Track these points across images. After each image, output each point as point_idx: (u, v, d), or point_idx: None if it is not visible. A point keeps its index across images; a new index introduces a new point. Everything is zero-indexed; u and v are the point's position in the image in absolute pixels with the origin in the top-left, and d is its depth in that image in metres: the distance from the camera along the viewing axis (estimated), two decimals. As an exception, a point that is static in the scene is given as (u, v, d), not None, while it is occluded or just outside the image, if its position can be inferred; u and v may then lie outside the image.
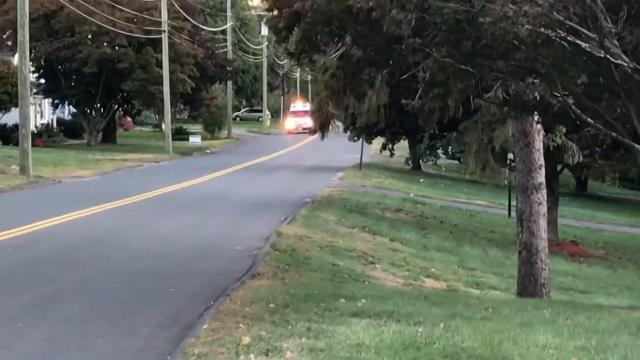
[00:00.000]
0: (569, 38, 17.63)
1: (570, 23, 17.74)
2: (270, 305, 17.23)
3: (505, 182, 51.17)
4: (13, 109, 74.32)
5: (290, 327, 15.03)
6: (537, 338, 14.60)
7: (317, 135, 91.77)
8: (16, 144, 61.34)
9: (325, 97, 35.95)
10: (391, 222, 42.68)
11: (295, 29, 23.04)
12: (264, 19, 41.15)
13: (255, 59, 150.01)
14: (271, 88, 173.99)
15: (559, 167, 47.60)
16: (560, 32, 17.72)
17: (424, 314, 16.56)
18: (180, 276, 22.94)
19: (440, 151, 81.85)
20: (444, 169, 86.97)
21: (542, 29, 17.46)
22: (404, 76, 23.32)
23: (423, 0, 18.04)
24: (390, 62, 21.46)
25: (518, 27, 16.95)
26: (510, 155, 40.78)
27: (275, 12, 26.46)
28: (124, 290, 20.30)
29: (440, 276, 29.80)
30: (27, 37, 57.80)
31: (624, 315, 18.26)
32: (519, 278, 27.08)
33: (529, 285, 26.45)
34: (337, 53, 24.21)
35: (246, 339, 13.94)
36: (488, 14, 17.05)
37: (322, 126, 59.82)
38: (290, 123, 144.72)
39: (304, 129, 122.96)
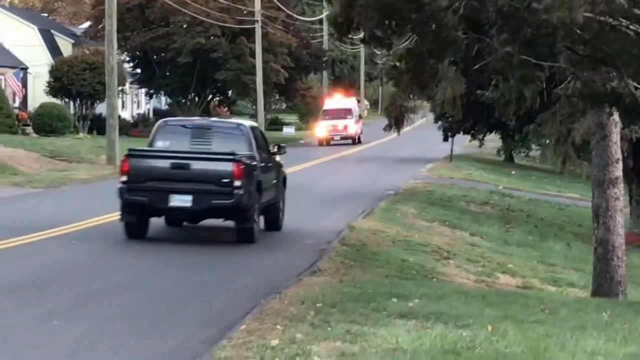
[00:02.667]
0: (632, 27, 17.06)
1: (636, 10, 17.17)
2: (318, 304, 16.69)
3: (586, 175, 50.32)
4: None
5: (329, 329, 14.53)
6: (587, 343, 13.95)
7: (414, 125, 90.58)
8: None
9: (396, 91, 35.73)
10: (474, 215, 41.92)
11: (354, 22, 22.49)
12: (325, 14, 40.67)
13: (352, 48, 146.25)
14: (370, 78, 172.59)
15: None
16: (623, 20, 17.12)
17: (475, 316, 15.97)
18: (240, 269, 22.69)
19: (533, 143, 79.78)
20: (537, 160, 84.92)
21: (602, 17, 16.90)
22: (476, 67, 22.98)
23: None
24: (449, 52, 21.09)
25: (575, 14, 16.28)
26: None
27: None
28: (179, 285, 19.95)
29: (517, 272, 29.20)
30: (115, 27, 58.11)
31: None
32: (594, 275, 26.41)
33: (604, 283, 25.78)
34: (403, 45, 23.59)
35: (275, 341, 13.44)
36: (542, 1, 16.46)
37: (397, 121, 57.53)
38: (321, 129, 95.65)
39: (342, 137, 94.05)
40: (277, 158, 32.96)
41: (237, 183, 27.25)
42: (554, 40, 18.44)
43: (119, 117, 77.20)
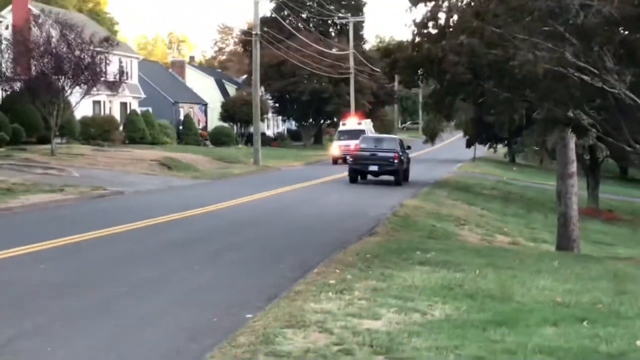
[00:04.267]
0: (575, 74, 16.57)
1: (580, 63, 16.65)
2: (367, 255, 16.38)
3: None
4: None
5: (370, 272, 14.28)
6: (539, 282, 13.65)
7: (450, 140, 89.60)
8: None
9: (429, 117, 38.52)
10: (485, 197, 41.61)
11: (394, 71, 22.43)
12: (380, 66, 42.08)
13: (414, 89, 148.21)
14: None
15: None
16: (571, 69, 16.63)
17: (469, 264, 15.64)
18: (325, 231, 22.28)
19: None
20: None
21: (556, 68, 16.43)
22: (480, 100, 22.89)
23: (472, 50, 17.18)
24: (460, 92, 20.97)
25: (538, 68, 15.83)
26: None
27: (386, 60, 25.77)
28: (283, 243, 19.57)
29: (509, 234, 28.75)
30: (258, 78, 58.79)
31: (610, 267, 17.11)
32: (557, 236, 26.22)
33: (564, 241, 25.71)
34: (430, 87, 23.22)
35: (332, 279, 13.25)
36: (513, 57, 16.01)
37: (431, 137, 79.96)
38: (335, 148, 69.58)
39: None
40: (407, 152, 44.65)
41: (395, 161, 40.56)
42: (525, 85, 18.06)
43: (264, 134, 78.21)
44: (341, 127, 70.09)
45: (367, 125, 69.53)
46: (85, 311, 11.48)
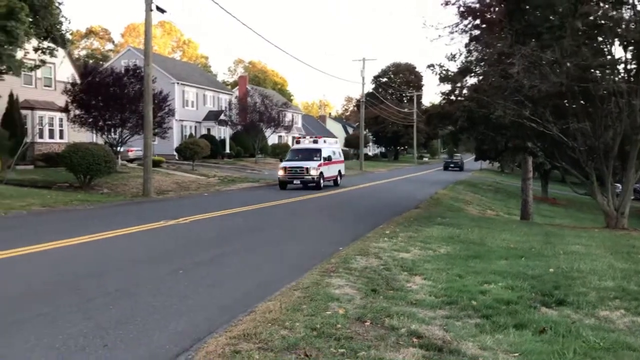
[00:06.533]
0: (528, 123, 15.90)
1: (531, 117, 16.00)
2: (411, 219, 16.04)
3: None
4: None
5: (410, 227, 13.91)
6: (503, 236, 13.09)
7: (469, 159, 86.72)
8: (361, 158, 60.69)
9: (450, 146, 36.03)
10: (484, 190, 40.14)
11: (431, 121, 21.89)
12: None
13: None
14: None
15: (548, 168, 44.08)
16: (526, 120, 15.98)
17: (466, 225, 15.10)
18: (390, 206, 21.45)
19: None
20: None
21: (518, 119, 15.79)
22: (479, 137, 22.08)
23: (470, 110, 16.66)
24: (465, 133, 20.37)
25: (506, 118, 15.26)
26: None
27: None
28: (366, 212, 18.92)
29: (494, 209, 27.80)
30: (363, 124, 58.26)
31: (545, 229, 16.21)
32: (520, 212, 25.15)
33: (524, 214, 24.81)
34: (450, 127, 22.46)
35: (387, 231, 12.99)
36: (493, 113, 15.47)
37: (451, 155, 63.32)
38: (281, 169, 27.12)
39: (302, 181, 27.00)
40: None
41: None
42: (501, 128, 17.39)
43: (366, 154, 77.41)
44: (294, 147, 30.87)
45: (329, 145, 30.92)
46: (259, 243, 11.51)
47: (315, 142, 30.30)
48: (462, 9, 17.30)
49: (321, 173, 27.42)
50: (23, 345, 5.17)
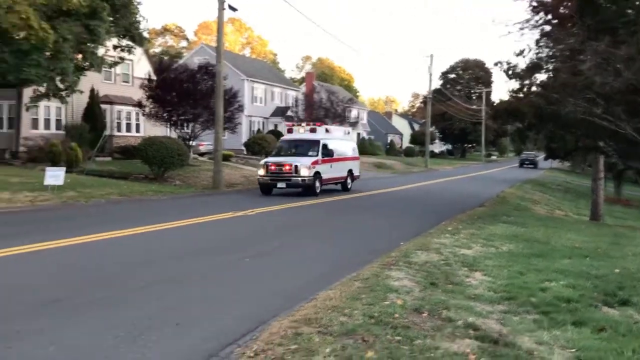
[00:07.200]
0: (598, 121, 15.39)
1: (603, 114, 15.48)
2: (475, 217, 15.85)
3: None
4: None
5: (473, 225, 13.78)
6: (569, 236, 12.85)
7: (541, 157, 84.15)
8: (424, 156, 60.08)
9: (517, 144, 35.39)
10: (552, 189, 38.74)
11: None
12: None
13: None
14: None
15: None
16: (597, 118, 15.46)
17: (532, 224, 14.86)
18: (455, 204, 21.18)
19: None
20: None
21: (587, 117, 15.32)
22: (549, 135, 21.54)
23: (539, 106, 16.26)
24: (533, 130, 19.83)
25: (577, 114, 14.84)
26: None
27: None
28: (429, 209, 18.80)
29: (563, 210, 26.83)
30: (429, 121, 57.54)
31: (615, 230, 15.72)
32: (590, 212, 24.16)
33: (594, 215, 23.79)
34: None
35: (450, 228, 12.95)
36: (562, 110, 15.06)
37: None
38: (262, 168, 19.33)
39: (289, 184, 19.26)
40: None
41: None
42: (570, 126, 16.90)
43: (432, 151, 75.78)
44: (283, 137, 23.03)
45: (335, 135, 23.14)
46: (303, 237, 11.66)
47: (313, 130, 21.56)
48: (534, 3, 16.87)
49: (317, 173, 19.43)
50: (136, 312, 5.63)
